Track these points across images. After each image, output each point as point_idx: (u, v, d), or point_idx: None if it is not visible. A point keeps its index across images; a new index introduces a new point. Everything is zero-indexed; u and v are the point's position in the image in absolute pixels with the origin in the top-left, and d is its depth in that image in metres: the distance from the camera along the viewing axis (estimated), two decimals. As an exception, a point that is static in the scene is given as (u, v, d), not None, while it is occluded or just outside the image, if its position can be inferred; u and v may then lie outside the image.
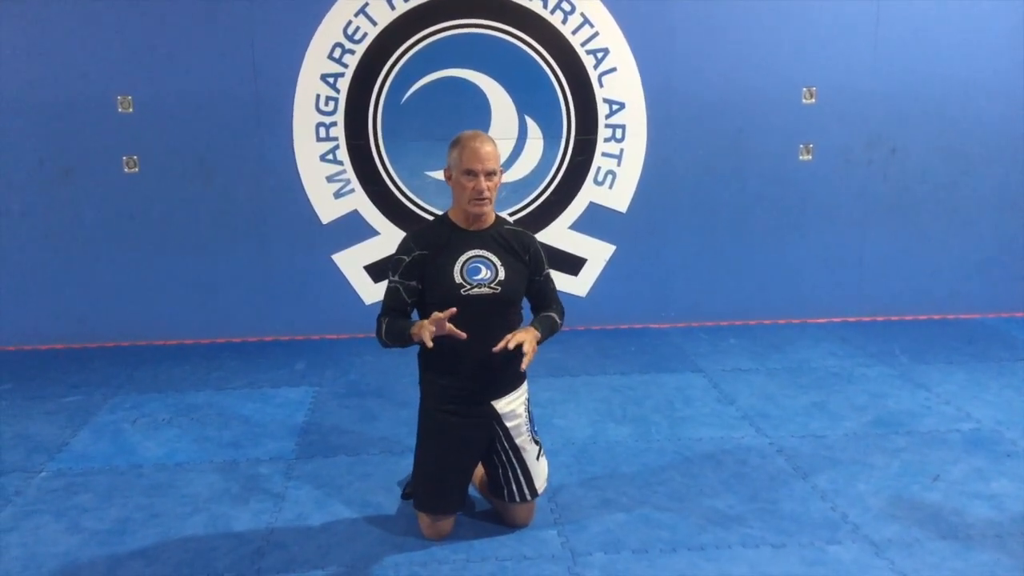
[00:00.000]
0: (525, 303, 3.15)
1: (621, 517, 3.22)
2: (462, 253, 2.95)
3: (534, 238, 3.15)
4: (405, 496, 3.12)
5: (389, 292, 2.98)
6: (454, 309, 2.77)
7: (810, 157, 5.73)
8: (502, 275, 2.96)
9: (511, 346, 2.84)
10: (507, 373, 3.02)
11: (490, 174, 2.93)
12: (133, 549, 3.00)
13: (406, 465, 3.48)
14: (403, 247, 2.98)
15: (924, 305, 5.97)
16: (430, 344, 2.77)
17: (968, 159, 5.81)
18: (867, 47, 5.60)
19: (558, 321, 3.15)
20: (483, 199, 2.92)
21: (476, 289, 2.92)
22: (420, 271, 2.93)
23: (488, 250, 2.98)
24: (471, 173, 2.90)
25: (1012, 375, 4.76)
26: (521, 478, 3.07)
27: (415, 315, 3.05)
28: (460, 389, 2.98)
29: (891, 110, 5.69)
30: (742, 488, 3.45)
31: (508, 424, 3.04)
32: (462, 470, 3.05)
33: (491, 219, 3.06)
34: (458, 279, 2.92)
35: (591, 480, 3.54)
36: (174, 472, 3.62)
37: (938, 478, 3.53)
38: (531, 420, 3.14)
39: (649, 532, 3.11)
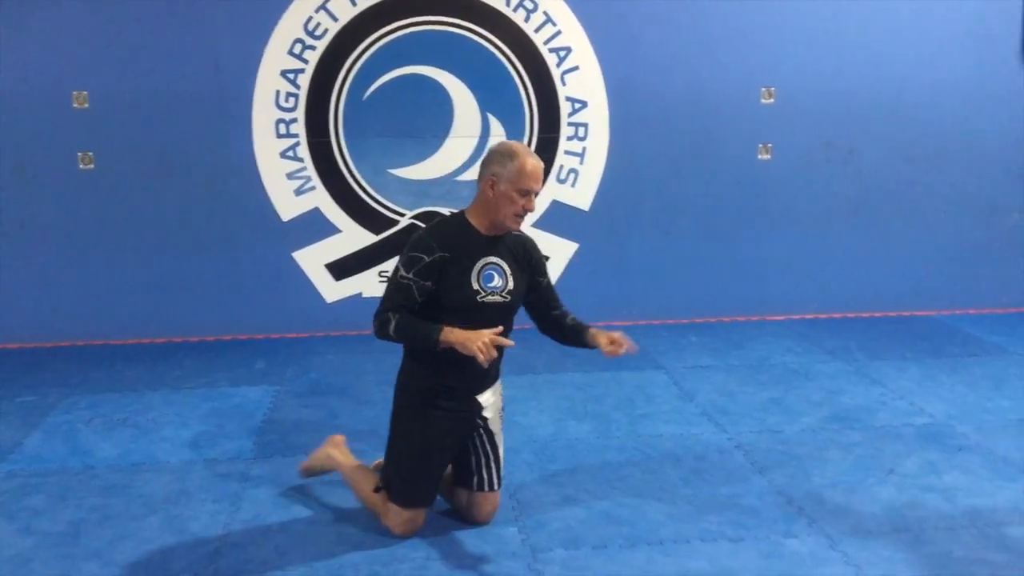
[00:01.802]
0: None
1: (581, 513, 3.23)
2: (480, 259, 2.93)
3: (535, 243, 3.15)
4: (376, 489, 3.09)
5: (400, 288, 2.87)
6: (512, 343, 2.86)
7: (769, 156, 5.80)
8: (511, 284, 2.98)
9: (626, 345, 2.94)
10: (494, 369, 3.08)
11: (537, 194, 2.94)
12: (87, 551, 2.95)
13: (367, 464, 3.46)
14: (423, 245, 2.88)
15: (880, 302, 6.06)
16: (486, 365, 2.77)
17: (924, 160, 5.91)
18: (825, 48, 5.67)
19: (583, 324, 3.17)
20: (524, 217, 2.94)
21: (490, 297, 2.93)
22: (439, 273, 2.87)
23: (501, 258, 2.97)
24: (527, 192, 2.88)
25: (965, 371, 4.85)
26: (492, 466, 3.11)
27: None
28: (453, 387, 2.97)
29: (849, 111, 5.77)
30: (701, 483, 3.48)
31: (487, 415, 3.09)
32: (442, 463, 3.05)
33: None
34: (475, 285, 2.91)
35: (552, 477, 3.55)
36: (129, 473, 3.57)
37: (892, 472, 3.58)
38: (504, 409, 3.22)
39: (609, 528, 3.12)
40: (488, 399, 3.09)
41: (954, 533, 3.08)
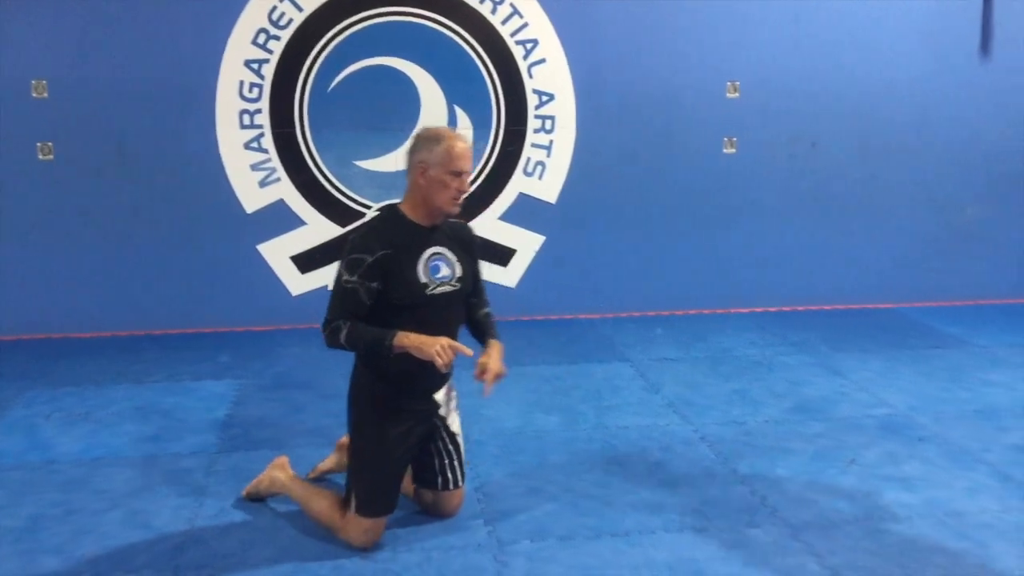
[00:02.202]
0: None
1: (548, 505, 3.24)
2: (423, 251, 2.86)
3: (471, 227, 3.12)
4: (346, 501, 2.95)
5: (346, 293, 2.78)
6: (469, 352, 2.78)
7: (734, 150, 5.84)
8: (459, 271, 2.94)
9: (490, 381, 2.83)
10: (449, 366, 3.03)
11: (469, 173, 2.89)
12: (47, 546, 2.90)
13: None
14: (363, 246, 2.78)
15: (843, 295, 6.14)
16: (444, 370, 2.75)
17: (885, 154, 5.99)
18: (788, 44, 5.73)
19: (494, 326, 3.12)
20: (461, 200, 2.87)
21: (440, 288, 2.88)
22: (383, 272, 2.78)
23: (444, 246, 2.92)
24: (459, 173, 2.81)
25: (925, 362, 4.93)
26: (456, 464, 3.09)
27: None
28: (411, 386, 2.91)
29: (812, 106, 5.84)
30: (666, 475, 3.51)
31: (443, 413, 3.06)
32: (404, 467, 3.00)
33: None
34: (423, 278, 2.84)
35: (519, 469, 3.56)
36: (91, 467, 3.53)
37: (853, 462, 3.64)
38: (457, 404, 3.17)
39: (575, 519, 3.14)
40: (443, 397, 3.05)
41: (913, 522, 3.13)
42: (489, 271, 5.60)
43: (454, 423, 3.11)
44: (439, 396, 3.04)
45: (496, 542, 2.97)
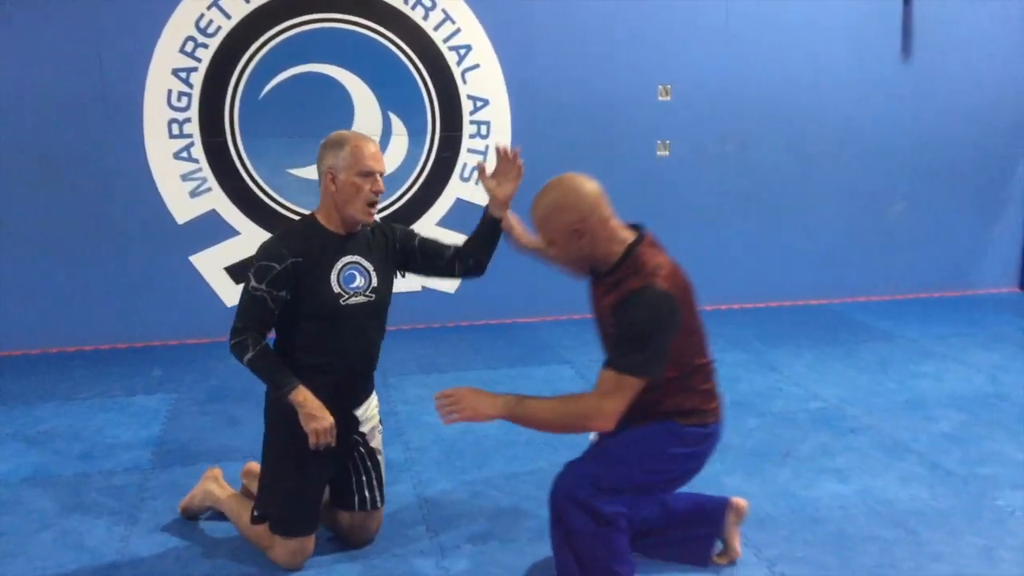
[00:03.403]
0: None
1: (489, 509, 3.24)
2: (337, 260, 2.77)
3: (389, 223, 3.01)
4: (256, 520, 2.84)
5: (253, 301, 2.68)
6: (331, 440, 2.71)
7: (667, 153, 5.92)
8: (375, 281, 2.84)
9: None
10: (369, 380, 2.97)
11: (381, 174, 2.78)
12: (-27, 571, 2.82)
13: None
14: (272, 253, 2.68)
15: (775, 293, 6.27)
16: (312, 448, 2.69)
17: (813, 154, 6.13)
18: (719, 47, 5.83)
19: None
20: (377, 203, 2.79)
21: (353, 298, 2.78)
22: (293, 281, 2.69)
23: (361, 255, 2.82)
24: (369, 174, 2.73)
25: (855, 356, 5.06)
26: (375, 483, 2.97)
27: (288, 326, 2.82)
28: (327, 400, 2.75)
29: (742, 108, 5.95)
30: (606, 475, 3.53)
31: (364, 430, 2.95)
32: (321, 485, 2.87)
33: None
34: (336, 288, 2.75)
35: (460, 475, 3.55)
36: (18, 488, 3.42)
37: (788, 455, 3.71)
38: (380, 420, 3.05)
39: (517, 522, 3.14)
40: (364, 413, 2.94)
41: (847, 512, 3.21)
42: (427, 279, 5.61)
43: (374, 439, 2.99)
44: (359, 412, 2.93)
45: (438, 548, 2.97)
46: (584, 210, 2.58)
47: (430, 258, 3.03)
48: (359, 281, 2.81)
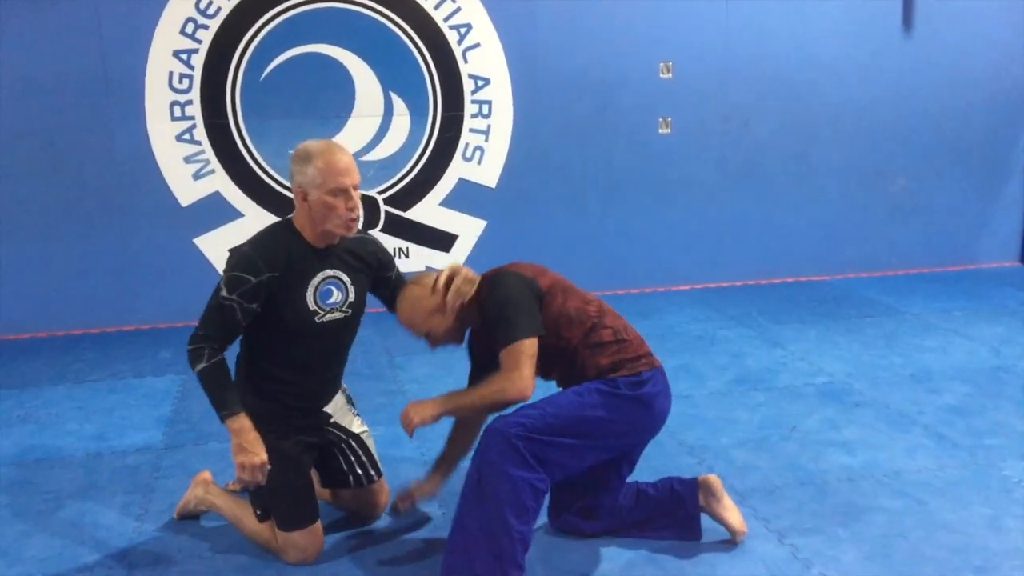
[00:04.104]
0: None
1: (500, 485, 3.27)
2: (314, 276, 2.65)
3: (376, 240, 2.91)
4: (261, 518, 2.81)
5: (220, 311, 2.55)
6: (260, 480, 2.61)
7: (669, 130, 5.92)
8: (352, 296, 2.75)
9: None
10: (339, 380, 2.94)
11: (356, 187, 2.60)
12: (-8, 551, 2.85)
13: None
14: (248, 265, 2.54)
15: (779, 269, 6.29)
16: (240, 484, 2.69)
17: (815, 130, 6.13)
18: (719, 23, 5.81)
19: None
20: (355, 219, 2.62)
21: (329, 315, 2.69)
22: (266, 295, 2.57)
23: (338, 269, 2.70)
24: (341, 191, 2.55)
25: (859, 331, 5.08)
26: (364, 460, 2.94)
27: (248, 338, 2.74)
28: (298, 405, 2.76)
29: (743, 84, 5.94)
30: (615, 450, 3.56)
31: (338, 420, 2.92)
32: (306, 474, 2.81)
33: None
34: (312, 305, 2.65)
35: (469, 453, 3.57)
36: (33, 469, 3.45)
37: (795, 429, 3.74)
38: (352, 402, 3.03)
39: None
40: (334, 407, 2.91)
41: (854, 483, 3.24)
42: (432, 257, 5.63)
43: (354, 424, 2.97)
44: (329, 407, 2.89)
45: (449, 522, 2.98)
46: (434, 298, 2.68)
47: (391, 296, 2.90)
48: (336, 296, 2.71)
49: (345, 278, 2.73)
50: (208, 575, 2.70)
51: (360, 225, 2.74)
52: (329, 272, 2.69)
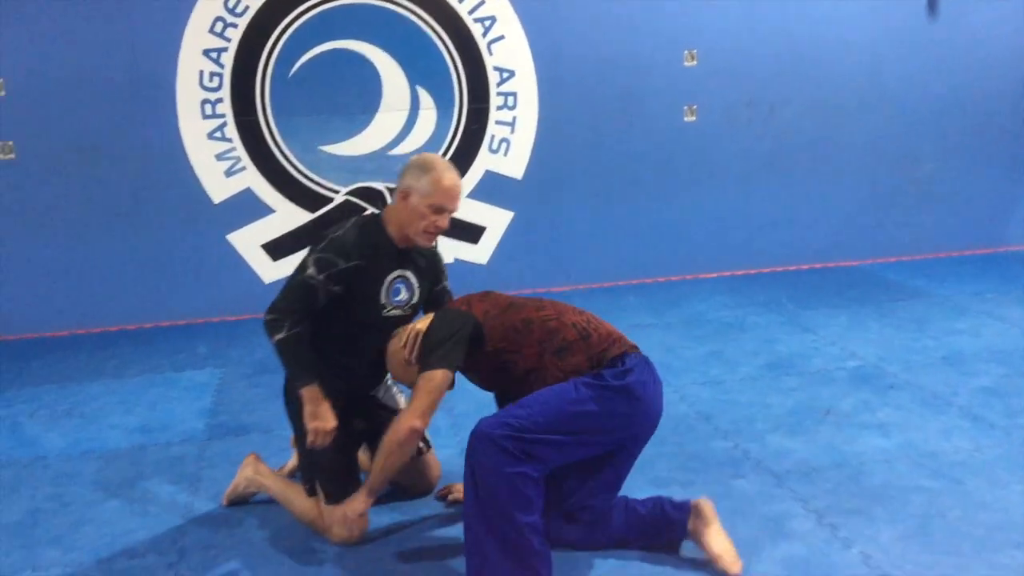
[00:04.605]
0: None
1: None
2: (390, 272, 2.83)
3: (440, 254, 3.08)
4: (312, 493, 2.91)
5: (304, 288, 2.70)
6: (327, 443, 2.74)
7: (694, 118, 5.93)
8: (416, 298, 2.92)
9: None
10: (381, 369, 3.02)
11: (452, 212, 2.79)
12: (47, 537, 2.92)
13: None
14: (339, 249, 2.72)
15: (806, 255, 6.28)
16: (309, 446, 2.75)
17: (841, 114, 6.12)
18: (742, 10, 5.81)
19: None
20: (437, 236, 2.82)
21: (394, 311, 2.86)
22: (349, 281, 2.73)
23: (410, 270, 2.89)
24: (441, 210, 2.75)
25: (891, 315, 5.08)
26: None
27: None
28: (349, 389, 2.89)
29: (767, 70, 5.94)
30: (650, 435, 3.59)
31: (384, 401, 3.06)
32: (355, 452, 2.96)
33: None
34: (382, 299, 2.82)
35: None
36: (80, 461, 3.53)
37: (829, 412, 3.75)
38: (397, 386, 3.14)
39: (566, 482, 3.20)
40: (379, 390, 3.07)
41: (891, 465, 3.25)
42: (460, 249, 5.68)
43: (400, 401, 3.08)
44: (376, 391, 3.05)
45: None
46: (403, 351, 2.76)
47: (429, 307, 3.05)
48: (403, 295, 2.88)
49: (414, 280, 2.91)
50: (257, 559, 2.76)
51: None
52: (402, 272, 2.87)
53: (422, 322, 2.76)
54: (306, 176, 5.51)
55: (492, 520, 2.46)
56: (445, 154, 5.63)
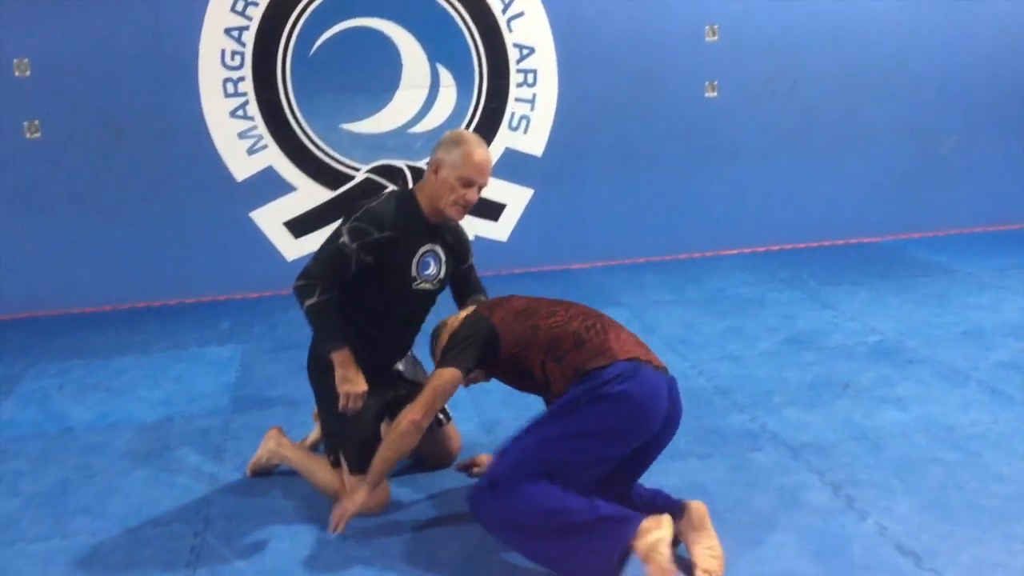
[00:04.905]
0: None
1: (556, 443, 3.34)
2: (421, 245, 2.87)
3: (463, 229, 3.11)
4: (336, 463, 2.94)
5: (339, 255, 2.75)
6: (358, 406, 2.78)
7: (715, 94, 5.90)
8: (443, 273, 2.97)
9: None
10: (411, 344, 3.12)
11: (482, 187, 2.84)
12: (76, 507, 3.00)
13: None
14: (376, 220, 2.77)
15: (828, 231, 6.25)
16: (340, 410, 2.78)
17: (864, 89, 6.06)
18: (765, -16, 5.77)
19: None
20: (466, 209, 2.85)
21: (422, 284, 2.90)
22: (382, 252, 2.78)
23: (439, 245, 2.93)
24: (470, 183, 2.79)
25: (912, 291, 5.06)
26: None
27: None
28: (373, 360, 2.90)
29: (790, 45, 5.89)
30: (668, 408, 3.62)
31: (407, 375, 3.11)
32: (379, 423, 2.98)
33: None
34: (412, 272, 2.87)
35: (524, 411, 3.63)
36: (108, 433, 3.61)
37: (848, 387, 3.76)
38: (419, 362, 3.20)
39: (584, 454, 3.24)
40: (403, 365, 3.12)
41: (908, 438, 3.26)
42: (481, 226, 5.70)
43: (418, 375, 3.14)
44: (399, 366, 3.11)
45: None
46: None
47: (459, 283, 3.11)
48: (432, 269, 2.92)
49: (442, 255, 2.96)
50: (282, 527, 2.82)
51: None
52: (432, 245, 2.91)
53: (455, 319, 2.82)
54: (327, 154, 5.55)
55: (534, 533, 2.40)
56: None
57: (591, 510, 2.36)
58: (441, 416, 3.12)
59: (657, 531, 2.31)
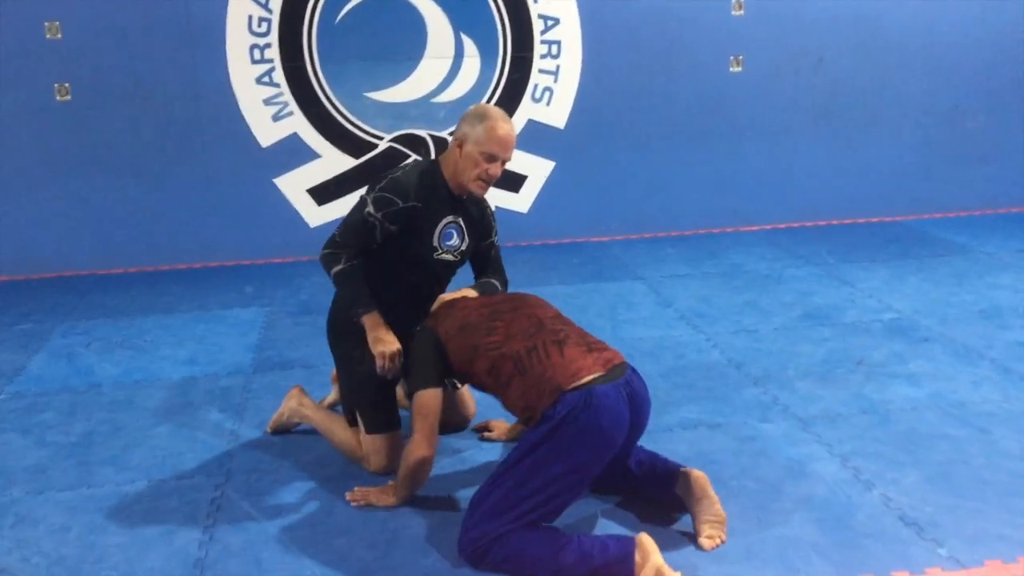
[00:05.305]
0: None
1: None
2: (444, 216, 2.91)
3: (489, 204, 3.13)
4: (353, 423, 3.01)
5: (364, 224, 2.81)
6: (395, 366, 2.80)
7: (740, 68, 5.89)
8: (465, 244, 2.99)
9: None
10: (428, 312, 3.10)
11: (505, 162, 2.86)
12: (102, 458, 3.10)
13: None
14: (400, 190, 2.81)
15: (850, 209, 6.24)
16: (379, 372, 2.81)
17: (889, 68, 6.03)
18: (793, -42, 5.73)
19: (500, 290, 3.12)
20: (489, 184, 2.88)
21: (444, 255, 2.94)
22: (406, 221, 2.82)
23: (462, 217, 2.96)
24: (493, 158, 2.81)
25: (930, 270, 5.06)
26: None
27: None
28: (392, 328, 2.88)
29: (818, 20, 5.86)
30: (680, 379, 3.67)
31: None
32: (394, 388, 3.03)
33: None
34: (435, 242, 2.90)
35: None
36: (133, 389, 3.70)
37: (861, 362, 3.78)
38: None
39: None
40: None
41: (918, 413, 3.29)
42: (501, 197, 5.73)
43: None
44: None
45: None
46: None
47: (478, 259, 3.14)
48: (454, 240, 2.95)
49: (465, 227, 2.99)
50: (299, 482, 2.90)
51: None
52: (455, 217, 2.94)
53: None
54: (351, 122, 5.59)
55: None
56: (488, 102, 5.66)
57: (584, 561, 2.29)
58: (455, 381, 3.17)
59: (652, 558, 2.25)
